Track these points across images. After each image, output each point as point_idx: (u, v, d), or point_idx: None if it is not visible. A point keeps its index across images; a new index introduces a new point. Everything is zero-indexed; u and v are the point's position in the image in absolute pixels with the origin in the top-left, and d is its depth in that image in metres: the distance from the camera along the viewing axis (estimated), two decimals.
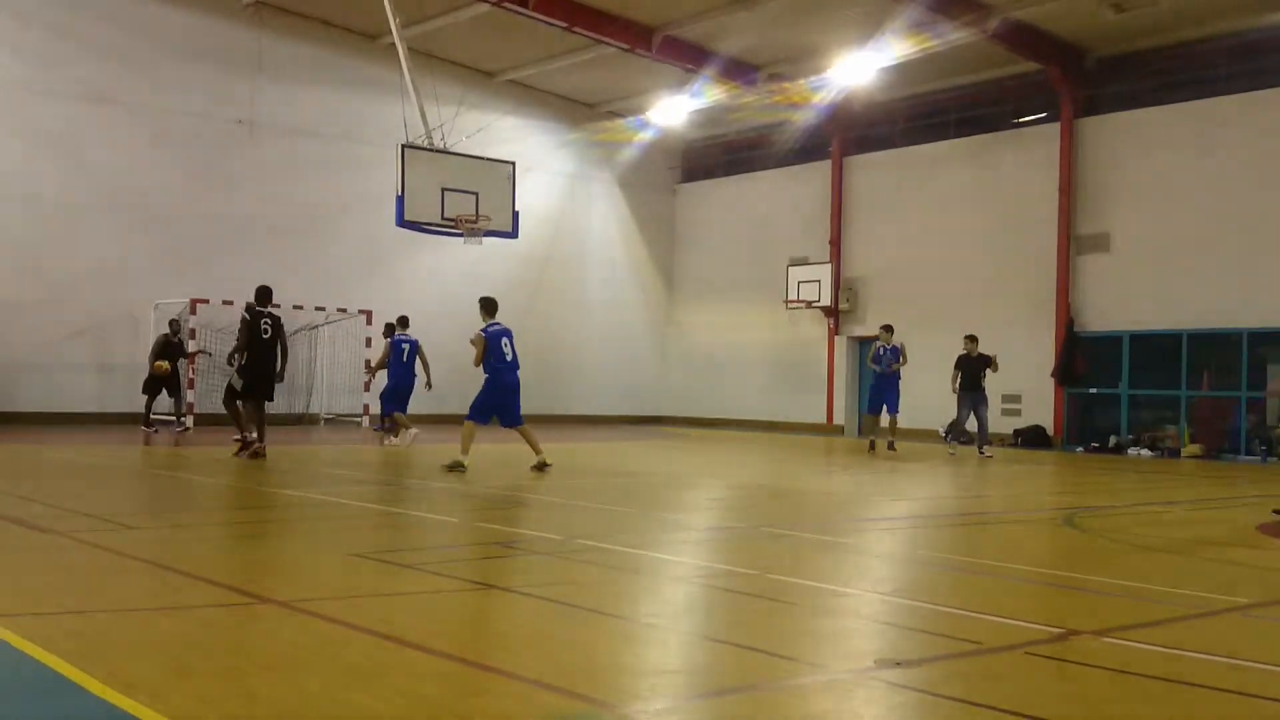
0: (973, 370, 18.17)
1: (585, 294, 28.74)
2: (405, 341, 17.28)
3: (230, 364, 14.48)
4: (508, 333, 12.84)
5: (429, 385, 17.29)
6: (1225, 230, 20.31)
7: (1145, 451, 20.70)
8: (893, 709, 3.87)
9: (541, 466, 12.53)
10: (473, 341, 12.75)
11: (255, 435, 13.80)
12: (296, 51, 24.12)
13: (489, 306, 13.10)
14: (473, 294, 26.83)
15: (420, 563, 6.55)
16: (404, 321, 17.72)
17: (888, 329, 19.06)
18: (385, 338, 18.02)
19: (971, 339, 18.46)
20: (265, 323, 13.79)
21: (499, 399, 12.76)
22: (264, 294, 14.01)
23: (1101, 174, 22.13)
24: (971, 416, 18.31)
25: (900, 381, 18.89)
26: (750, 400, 27.73)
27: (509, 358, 12.71)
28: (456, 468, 12.16)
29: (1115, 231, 21.91)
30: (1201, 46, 21.06)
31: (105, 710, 3.45)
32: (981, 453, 18.05)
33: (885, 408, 18.81)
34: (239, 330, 14.04)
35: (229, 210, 23.22)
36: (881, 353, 18.81)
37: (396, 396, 17.18)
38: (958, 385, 18.26)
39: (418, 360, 17.09)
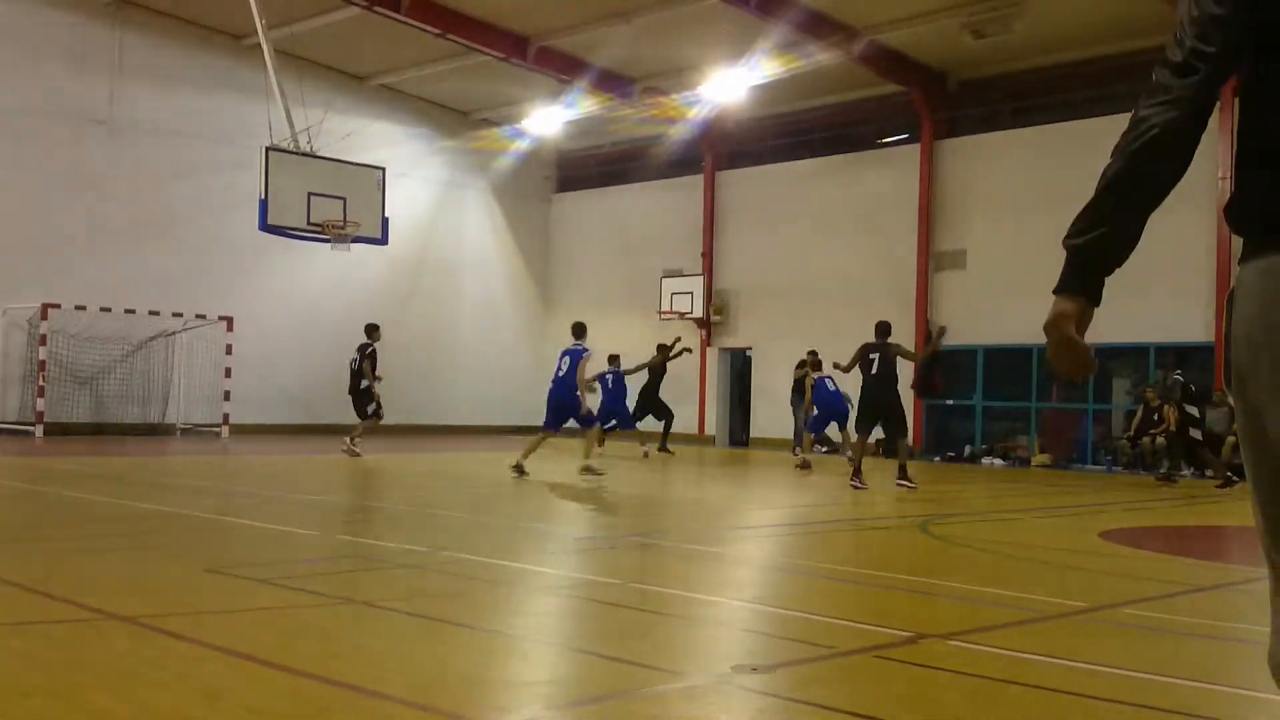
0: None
1: (459, 303, 28.46)
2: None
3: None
4: (569, 351, 13.92)
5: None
6: None
7: (998, 461, 21.51)
8: (747, 713, 3.95)
9: (586, 471, 13.30)
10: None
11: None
12: (158, 50, 23.30)
13: (574, 329, 14.53)
14: (341, 301, 26.72)
15: (277, 577, 6.39)
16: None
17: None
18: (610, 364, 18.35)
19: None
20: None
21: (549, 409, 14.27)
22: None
23: (959, 194, 22.96)
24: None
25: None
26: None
27: (560, 374, 13.97)
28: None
29: (971, 249, 22.75)
30: (1054, 73, 22.05)
31: None
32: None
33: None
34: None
35: (85, 212, 22.27)
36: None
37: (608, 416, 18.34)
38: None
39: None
